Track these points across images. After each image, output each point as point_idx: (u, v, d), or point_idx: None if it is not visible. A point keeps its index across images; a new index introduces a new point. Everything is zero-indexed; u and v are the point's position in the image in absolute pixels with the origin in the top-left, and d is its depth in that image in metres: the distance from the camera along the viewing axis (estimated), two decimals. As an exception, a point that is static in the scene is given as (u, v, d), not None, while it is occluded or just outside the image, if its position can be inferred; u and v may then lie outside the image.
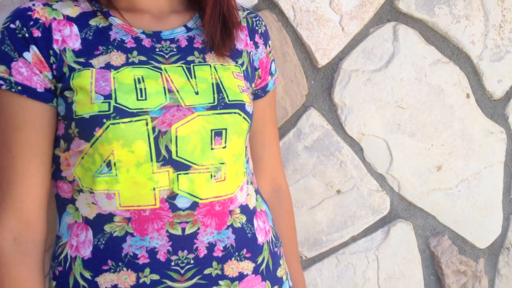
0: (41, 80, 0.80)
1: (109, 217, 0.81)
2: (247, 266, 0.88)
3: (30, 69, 0.79)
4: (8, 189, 0.80)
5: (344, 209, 1.36)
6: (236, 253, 0.87)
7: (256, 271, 0.90)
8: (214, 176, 0.84)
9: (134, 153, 0.79)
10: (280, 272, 0.96)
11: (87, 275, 0.81)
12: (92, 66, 0.80)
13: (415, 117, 1.36)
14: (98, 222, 0.82)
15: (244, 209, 0.90)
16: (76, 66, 0.79)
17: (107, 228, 0.81)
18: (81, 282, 0.82)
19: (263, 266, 0.92)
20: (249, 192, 0.93)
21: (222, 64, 0.89)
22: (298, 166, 1.32)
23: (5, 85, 0.79)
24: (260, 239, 0.92)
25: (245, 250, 0.88)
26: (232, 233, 0.87)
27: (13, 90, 0.79)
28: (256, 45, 0.98)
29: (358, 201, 1.37)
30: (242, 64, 0.94)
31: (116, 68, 0.81)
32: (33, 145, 0.80)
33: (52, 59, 0.80)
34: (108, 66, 0.80)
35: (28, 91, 0.79)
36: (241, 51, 0.95)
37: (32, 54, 0.79)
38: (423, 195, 1.40)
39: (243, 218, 0.90)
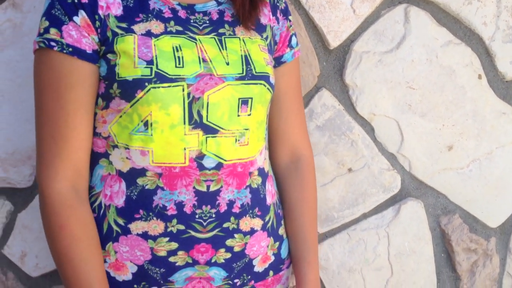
0: (89, 42, 0.87)
1: (142, 172, 0.90)
2: (257, 223, 0.98)
3: (80, 32, 0.86)
4: (64, 143, 0.87)
5: (355, 187, 1.41)
6: (250, 211, 0.97)
7: (263, 228, 0.99)
8: (238, 140, 0.93)
9: (170, 115, 0.88)
10: (281, 231, 1.06)
11: (121, 221, 0.91)
12: (134, 32, 0.88)
13: (426, 97, 1.38)
14: (131, 176, 0.90)
15: (261, 172, 1.00)
16: (119, 31, 0.87)
17: (140, 181, 0.90)
18: (115, 227, 0.91)
19: (269, 224, 1.01)
20: (266, 157, 1.04)
21: (250, 38, 0.98)
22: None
23: (57, 46, 0.85)
24: (269, 200, 1.02)
25: (257, 209, 0.98)
26: (249, 193, 0.97)
27: (65, 51, 0.85)
28: (277, 20, 1.06)
29: (369, 179, 1.41)
30: (266, 38, 1.02)
31: (156, 36, 0.89)
32: (84, 103, 0.88)
33: (97, 23, 0.87)
34: (149, 34, 0.88)
35: (78, 53, 0.86)
36: (265, 25, 1.03)
37: (81, 18, 0.86)
38: (434, 175, 1.43)
39: (259, 180, 0.99)
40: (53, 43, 0.85)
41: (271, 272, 1.02)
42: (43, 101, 0.88)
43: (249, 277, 0.98)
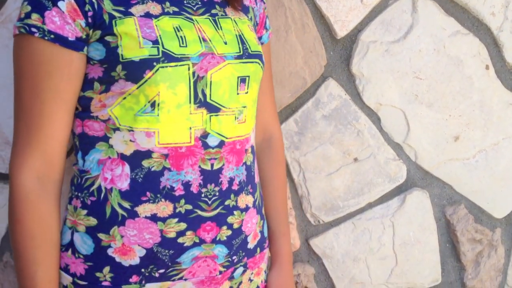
0: (72, 29, 0.84)
1: (147, 154, 0.89)
2: (250, 200, 1.00)
3: (63, 18, 0.83)
4: (36, 132, 0.86)
5: (360, 177, 1.41)
6: (245, 188, 0.99)
7: (254, 205, 1.02)
8: (237, 118, 0.95)
9: (177, 95, 0.88)
10: (263, 210, 1.09)
11: (126, 205, 0.90)
12: (133, 15, 0.87)
13: (433, 87, 1.39)
14: (136, 158, 0.89)
15: (252, 149, 1.02)
16: (116, 14, 0.86)
17: (145, 163, 0.90)
18: (120, 211, 0.90)
19: (257, 201, 1.04)
20: (254, 135, 1.06)
21: (239, 18, 0.99)
22: (316, 134, 1.38)
23: (38, 33, 0.83)
24: (256, 178, 1.04)
25: (250, 186, 1.00)
26: (245, 170, 0.98)
27: (46, 38, 0.83)
28: (256, 2, 1.08)
29: (375, 169, 1.41)
30: (251, 19, 1.05)
31: (156, 16, 0.88)
32: (61, 92, 0.86)
33: (87, 7, 0.85)
34: (148, 15, 0.88)
35: (60, 40, 0.84)
36: (248, 7, 1.05)
37: (67, 3, 0.83)
38: (440, 165, 1.44)
39: (251, 157, 1.02)
40: (34, 29, 0.83)
41: (258, 249, 1.04)
42: (20, 88, 0.87)
43: (243, 253, 1.00)
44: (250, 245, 1.01)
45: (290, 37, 1.33)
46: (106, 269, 0.90)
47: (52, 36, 0.83)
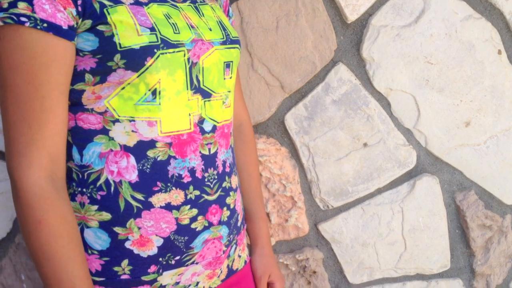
0: (65, 17, 0.79)
1: (151, 144, 0.88)
2: (237, 180, 1.04)
3: (54, 5, 0.78)
4: (39, 128, 0.81)
5: (370, 162, 1.41)
6: (233, 169, 1.02)
7: (238, 185, 1.05)
8: (224, 102, 0.96)
9: (176, 81, 0.87)
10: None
11: (139, 196, 0.89)
12: (123, 3, 0.85)
13: (444, 72, 1.37)
14: (140, 149, 0.88)
15: (232, 132, 1.04)
16: (107, 2, 0.84)
17: (150, 153, 0.88)
18: (134, 203, 0.88)
19: (239, 181, 1.08)
20: None
21: (215, 5, 1.01)
22: (326, 119, 1.38)
23: (29, 22, 0.77)
24: (236, 159, 1.07)
25: (235, 167, 1.04)
26: (231, 152, 1.01)
27: (39, 27, 0.77)
28: None
29: (385, 154, 1.41)
30: (221, 6, 1.07)
31: (146, 4, 0.88)
32: (60, 83, 0.82)
33: None
34: (138, 3, 0.87)
35: (54, 28, 0.79)
36: None
37: None
38: (450, 150, 1.43)
39: (233, 140, 1.05)
40: (23, 19, 0.77)
41: (242, 226, 1.08)
42: (13, 83, 0.80)
43: (235, 231, 1.03)
44: (239, 223, 1.04)
45: (300, 21, 1.32)
46: (125, 262, 0.90)
47: (44, 25, 0.78)
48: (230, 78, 0.97)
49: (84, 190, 0.89)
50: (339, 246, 1.47)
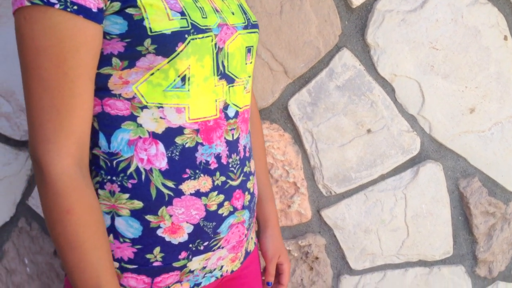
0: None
1: (179, 130, 0.87)
2: (254, 164, 1.05)
3: None
4: (68, 114, 0.78)
5: (373, 148, 1.41)
6: (251, 153, 1.02)
7: (254, 168, 1.06)
8: (245, 88, 0.96)
9: (204, 67, 0.86)
10: None
11: (170, 184, 0.88)
12: None
13: (449, 58, 1.36)
14: (168, 136, 0.86)
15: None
16: None
17: (179, 140, 0.87)
18: (165, 191, 0.88)
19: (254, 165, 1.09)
20: None
21: None
22: (330, 105, 1.37)
23: (59, 4, 0.74)
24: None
25: (252, 152, 1.04)
26: (249, 137, 1.01)
27: (69, 9, 0.75)
28: None
29: (388, 140, 1.40)
30: None
31: None
32: (88, 68, 0.79)
33: None
34: None
35: (84, 11, 0.76)
36: None
37: None
38: (455, 137, 1.42)
39: (250, 125, 1.04)
40: (53, 0, 0.74)
41: (255, 207, 1.09)
42: (40, 67, 0.77)
43: (253, 214, 1.04)
44: (255, 206, 1.05)
45: (304, 6, 1.31)
46: (157, 249, 0.89)
47: (75, 7, 0.76)
48: (251, 63, 0.96)
49: (114, 178, 0.87)
50: (342, 232, 1.47)
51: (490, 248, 1.49)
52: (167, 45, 0.80)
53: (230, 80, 0.91)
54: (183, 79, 0.84)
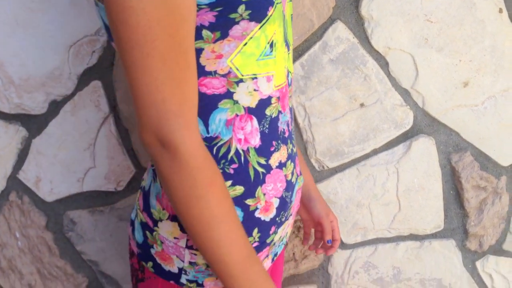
0: None
1: (268, 100, 0.84)
2: None
3: None
4: (187, 86, 0.73)
5: (366, 122, 1.40)
6: None
7: None
8: (289, 54, 0.93)
9: (281, 33, 0.85)
10: None
11: (262, 161, 0.85)
12: None
13: (444, 31, 1.35)
14: (260, 108, 0.83)
15: None
16: None
17: (268, 111, 0.84)
18: (259, 169, 0.85)
19: None
20: None
21: None
22: (323, 78, 1.36)
23: None
24: None
25: None
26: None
27: None
28: None
29: (381, 115, 1.40)
30: None
31: None
32: (193, 39, 0.75)
33: None
34: None
35: None
36: None
37: None
38: (448, 111, 1.42)
39: None
40: None
41: None
42: (156, 39, 0.70)
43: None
44: None
45: (297, -23, 1.29)
46: (255, 231, 0.87)
47: None
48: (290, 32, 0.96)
49: (219, 166, 0.83)
50: (334, 207, 1.47)
51: (481, 222, 1.50)
52: (260, 10, 0.77)
53: (288, 47, 0.90)
54: (271, 45, 0.81)
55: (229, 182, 0.83)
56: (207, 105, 0.81)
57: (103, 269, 1.52)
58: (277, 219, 0.91)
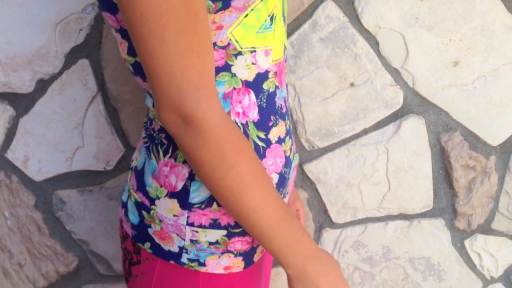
0: None
1: (265, 75, 0.83)
2: None
3: None
4: (207, 56, 0.71)
5: (356, 102, 1.40)
6: None
7: None
8: (285, 29, 0.91)
9: (280, 7, 0.83)
10: None
11: (262, 135, 0.83)
12: None
13: (434, 10, 1.34)
14: (258, 82, 0.82)
15: None
16: None
17: (265, 86, 0.83)
18: (259, 143, 0.83)
19: None
20: None
21: None
22: (313, 58, 1.35)
23: None
24: None
25: None
26: None
27: None
28: None
29: (371, 94, 1.39)
30: None
31: None
32: (206, 7, 0.72)
33: None
34: None
35: None
36: None
37: None
38: (438, 91, 1.42)
39: None
40: None
41: None
42: (172, 8, 0.68)
43: None
44: None
45: (287, -46, 1.27)
46: None
47: None
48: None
49: None
50: (324, 187, 1.47)
51: (470, 202, 1.51)
52: None
53: (285, 22, 0.89)
54: (272, 18, 0.80)
55: None
56: None
57: (93, 248, 1.52)
58: None
